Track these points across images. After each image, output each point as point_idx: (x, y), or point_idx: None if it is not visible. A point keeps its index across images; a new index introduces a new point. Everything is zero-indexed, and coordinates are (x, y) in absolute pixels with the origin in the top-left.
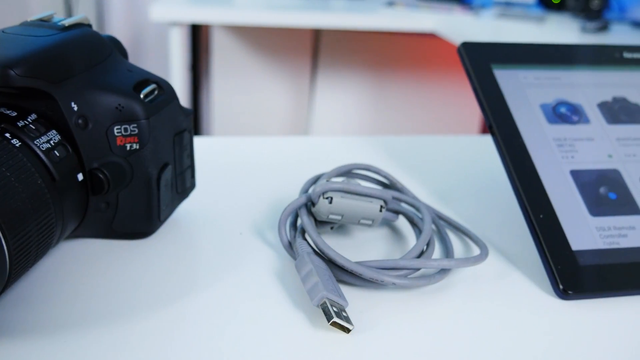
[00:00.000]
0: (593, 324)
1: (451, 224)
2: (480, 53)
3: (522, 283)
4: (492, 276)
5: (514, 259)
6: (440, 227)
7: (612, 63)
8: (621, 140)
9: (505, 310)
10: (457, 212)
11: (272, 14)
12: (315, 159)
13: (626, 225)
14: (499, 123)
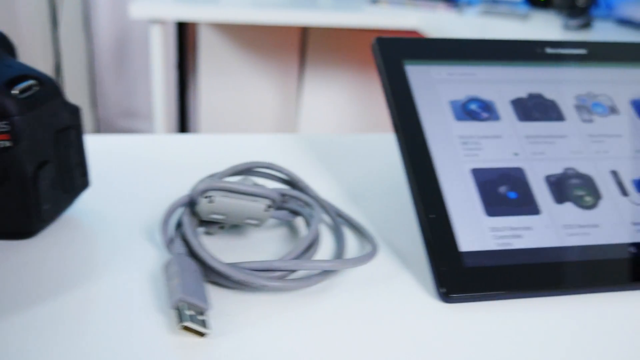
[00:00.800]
0: (473, 328)
1: (351, 224)
2: (393, 49)
3: (409, 285)
4: (380, 277)
5: (407, 260)
6: (339, 226)
7: (533, 58)
8: (530, 137)
9: (384, 314)
10: (364, 211)
11: (259, 11)
12: (231, 156)
13: (522, 226)
14: (402, 120)
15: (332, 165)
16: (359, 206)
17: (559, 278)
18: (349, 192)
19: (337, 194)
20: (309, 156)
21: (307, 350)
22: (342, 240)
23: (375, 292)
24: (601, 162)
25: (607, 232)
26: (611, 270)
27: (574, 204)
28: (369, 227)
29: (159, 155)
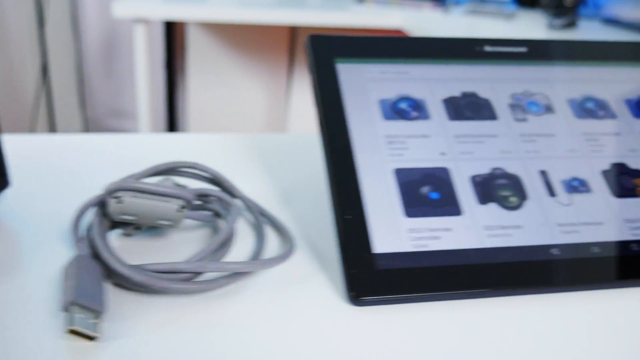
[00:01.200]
0: (381, 332)
1: (274, 224)
2: (325, 47)
3: (323, 288)
4: (295, 279)
5: (325, 262)
6: (261, 227)
7: (472, 57)
8: (459, 137)
9: (291, 317)
10: (293, 211)
11: (247, 11)
12: (167, 156)
13: (442, 227)
14: (327, 119)
15: (273, 165)
16: (289, 206)
17: (476, 280)
18: (283, 192)
19: (271, 193)
20: (251, 155)
21: (202, 356)
22: (263, 241)
23: (287, 295)
24: (531, 162)
25: (530, 233)
26: (532, 272)
27: (498, 205)
28: (294, 228)
29: (91, 155)
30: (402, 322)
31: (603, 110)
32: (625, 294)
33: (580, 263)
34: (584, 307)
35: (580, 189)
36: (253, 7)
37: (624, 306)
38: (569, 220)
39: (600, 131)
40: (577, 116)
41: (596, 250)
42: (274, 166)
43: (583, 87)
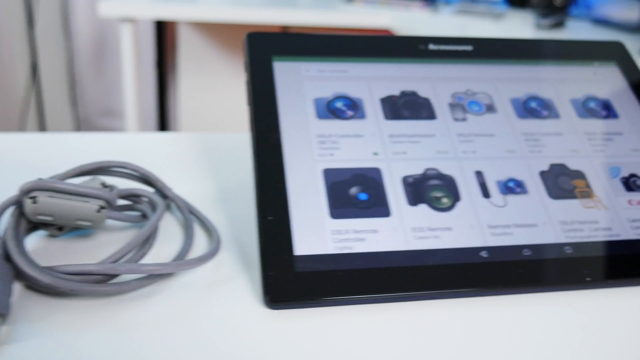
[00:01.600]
0: (295, 336)
1: (204, 225)
2: (264, 44)
3: (243, 290)
4: (218, 281)
5: (249, 264)
6: (190, 227)
7: (415, 55)
8: (394, 137)
9: (206, 321)
10: (228, 212)
11: (237, 10)
12: (104, 155)
13: (368, 229)
14: (258, 118)
15: (219, 164)
16: (226, 207)
17: (399, 283)
18: (224, 191)
19: (210, 193)
20: (200, 155)
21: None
22: (190, 242)
23: (206, 297)
24: (467, 163)
25: (459, 235)
26: (458, 275)
27: (429, 206)
28: (226, 229)
29: (28, 154)
30: (319, 326)
31: (547, 110)
32: (556, 298)
33: (509, 266)
34: (511, 311)
35: (516, 190)
36: (243, 6)
37: (552, 310)
38: (501, 222)
39: (541, 131)
40: (519, 116)
41: (527, 253)
42: (220, 166)
43: (528, 87)
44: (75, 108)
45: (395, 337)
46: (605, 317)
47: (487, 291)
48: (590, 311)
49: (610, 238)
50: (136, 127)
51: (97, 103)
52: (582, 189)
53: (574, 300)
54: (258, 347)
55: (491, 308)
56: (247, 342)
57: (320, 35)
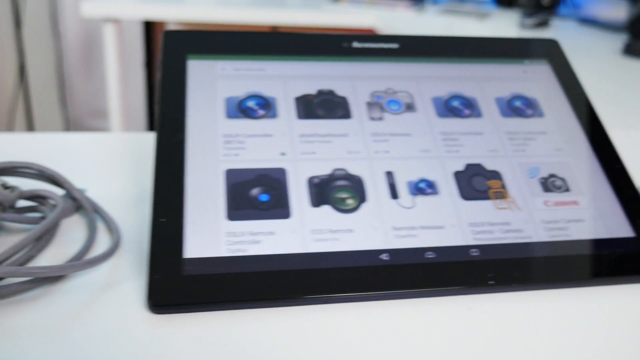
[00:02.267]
0: (177, 343)
1: (109, 227)
2: (180, 42)
3: (135, 294)
4: (111, 283)
5: (144, 267)
6: (94, 228)
7: (338, 53)
8: (305, 136)
9: (89, 324)
10: (142, 213)
11: (224, 10)
12: (28, 156)
13: (265, 231)
14: (164, 118)
15: (139, 165)
16: (139, 209)
17: (291, 287)
18: (143, 192)
19: (128, 194)
20: (126, 155)
21: None
22: (90, 243)
23: (92, 301)
24: (378, 163)
25: (360, 237)
26: (355, 279)
27: (332, 207)
28: (134, 231)
29: None
30: (202, 332)
31: (469, 109)
32: (456, 301)
33: (409, 269)
34: (406, 315)
35: (427, 191)
36: (231, 6)
37: (449, 314)
38: (407, 224)
39: (461, 130)
40: (439, 115)
41: (430, 256)
42: (144, 166)
43: (452, 85)
44: (65, 109)
45: (284, 343)
46: (502, 322)
47: (384, 295)
48: (488, 315)
49: (520, 240)
50: (121, 127)
51: (86, 104)
52: (497, 189)
53: (474, 304)
54: (136, 354)
55: (386, 312)
56: (125, 348)
57: (238, 32)
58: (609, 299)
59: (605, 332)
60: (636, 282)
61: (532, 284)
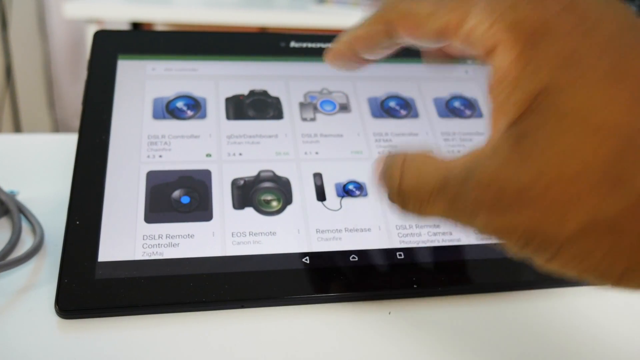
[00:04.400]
0: (83, 349)
1: (34, 229)
2: (110, 43)
3: (47, 298)
4: (25, 287)
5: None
6: (17, 231)
7: (275, 53)
8: (233, 137)
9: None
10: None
11: (211, 11)
12: None
13: (183, 234)
14: (89, 119)
15: None
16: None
17: (205, 291)
18: None
19: (60, 198)
20: (59, 156)
21: None
22: (10, 246)
23: (7, 304)
24: (307, 164)
25: (282, 240)
26: (274, 283)
27: (256, 210)
28: (59, 234)
29: None
30: (111, 337)
31: (406, 109)
32: (377, 306)
33: (330, 273)
34: (325, 321)
35: (355, 193)
36: (218, 7)
37: (369, 319)
38: (332, 227)
39: (395, 131)
40: (374, 115)
41: (354, 259)
42: None
43: (390, 85)
44: (53, 110)
45: (198, 349)
46: (421, 327)
47: (303, 299)
48: (408, 320)
49: (449, 243)
50: None
51: (74, 105)
52: None
53: (395, 309)
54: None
55: (305, 316)
56: (29, 353)
57: (171, 32)
58: (533, 304)
59: (527, 337)
60: (562, 287)
61: (457, 288)
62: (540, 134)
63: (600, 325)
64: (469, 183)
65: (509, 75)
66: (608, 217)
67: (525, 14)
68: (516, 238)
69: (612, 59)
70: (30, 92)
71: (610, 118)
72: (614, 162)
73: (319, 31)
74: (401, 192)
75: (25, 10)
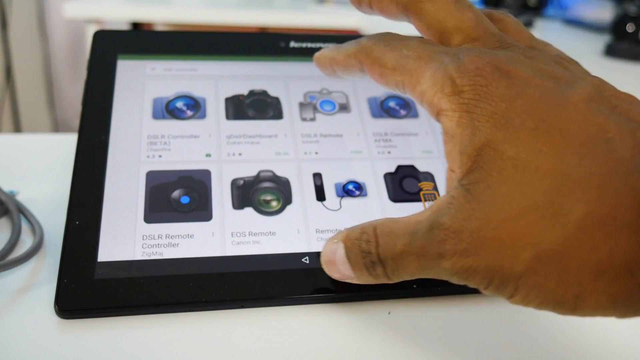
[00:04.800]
0: (82, 349)
1: (34, 229)
2: (110, 42)
3: (47, 298)
4: (24, 288)
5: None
6: (17, 232)
7: (274, 53)
8: (233, 137)
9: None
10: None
11: (211, 12)
12: None
13: (183, 234)
14: (89, 119)
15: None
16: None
17: (205, 291)
18: None
19: (60, 198)
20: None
21: None
22: (10, 247)
23: (7, 304)
24: (307, 164)
25: (282, 240)
26: (274, 283)
27: (255, 210)
28: (59, 234)
29: None
30: (111, 337)
31: (405, 109)
32: (378, 306)
33: None
34: (327, 320)
35: (355, 193)
36: (219, 7)
37: (369, 319)
38: (332, 227)
39: (396, 131)
40: (373, 115)
41: None
42: None
43: None
44: (53, 110)
45: (197, 349)
46: (421, 327)
47: (303, 299)
48: (408, 320)
49: None
50: None
51: (75, 105)
52: (429, 191)
53: (395, 309)
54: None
55: (305, 316)
56: (28, 353)
57: (171, 32)
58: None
59: (527, 338)
60: None
61: (456, 288)
62: (486, 183)
63: (600, 326)
64: (433, 232)
65: (454, 137)
66: (552, 248)
67: (460, 86)
68: (479, 278)
69: (538, 116)
70: (30, 92)
71: (542, 164)
72: (551, 198)
73: (319, 31)
74: (380, 257)
75: (25, 10)
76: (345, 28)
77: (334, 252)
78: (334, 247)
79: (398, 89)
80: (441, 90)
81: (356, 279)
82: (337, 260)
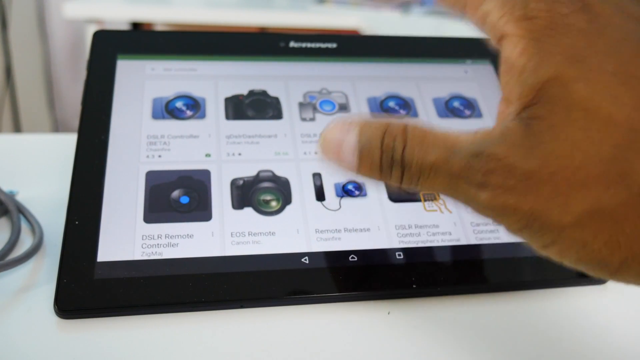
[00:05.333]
0: (82, 349)
1: (33, 229)
2: (110, 42)
3: (46, 298)
4: (24, 287)
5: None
6: (16, 231)
7: (274, 53)
8: (232, 137)
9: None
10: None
11: (211, 12)
12: None
13: (183, 234)
14: (89, 119)
15: None
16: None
17: (204, 291)
18: None
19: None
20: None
21: None
22: (9, 246)
23: (6, 304)
24: (306, 164)
25: (281, 240)
26: (273, 283)
27: (255, 210)
28: (59, 234)
29: None
30: (111, 336)
31: (405, 109)
32: (377, 306)
33: (329, 273)
34: (325, 320)
35: (354, 194)
36: (218, 7)
37: (368, 319)
38: (331, 227)
39: None
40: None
41: (353, 259)
42: None
43: (389, 85)
44: (53, 110)
45: (197, 349)
46: (420, 327)
47: (302, 299)
48: (407, 320)
49: (448, 243)
50: None
51: (74, 105)
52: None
53: (395, 309)
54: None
55: (305, 316)
56: (28, 353)
57: (170, 32)
58: (532, 304)
59: (527, 338)
60: (563, 287)
61: (456, 288)
62: (549, 122)
63: (600, 326)
64: (480, 158)
65: (515, 66)
66: (610, 207)
67: (535, 11)
68: (517, 219)
69: (619, 61)
70: (30, 92)
71: (616, 114)
72: (618, 155)
73: (318, 31)
74: (405, 160)
75: (25, 10)
76: (345, 28)
77: (343, 134)
78: (344, 129)
79: (460, 10)
80: (510, 12)
81: (356, 171)
82: (343, 145)
